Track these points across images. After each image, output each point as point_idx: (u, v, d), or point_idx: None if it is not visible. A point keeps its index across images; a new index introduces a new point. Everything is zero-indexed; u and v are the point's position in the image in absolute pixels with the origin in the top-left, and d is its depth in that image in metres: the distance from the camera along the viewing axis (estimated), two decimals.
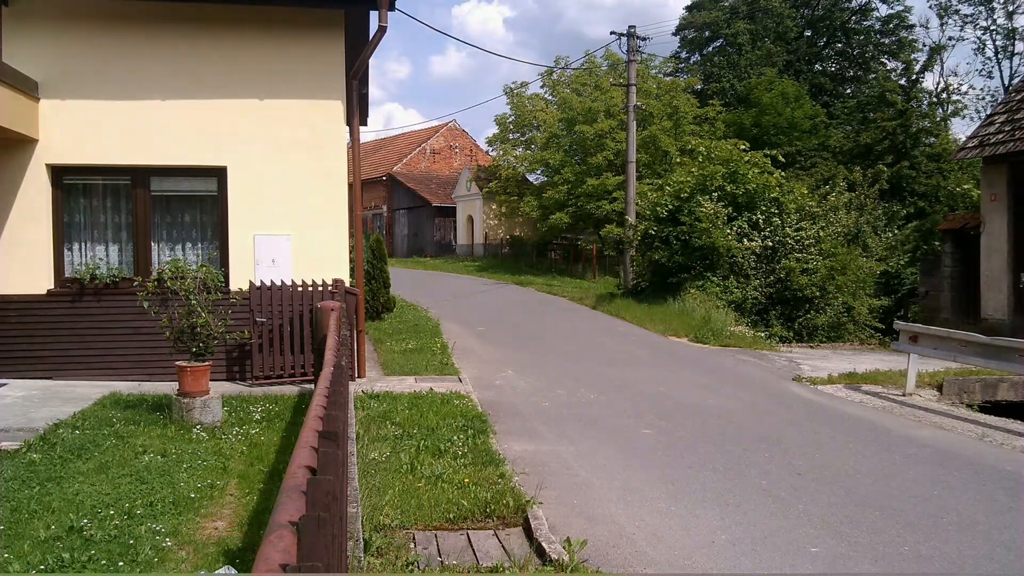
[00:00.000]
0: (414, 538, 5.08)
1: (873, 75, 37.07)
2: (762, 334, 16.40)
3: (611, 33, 26.71)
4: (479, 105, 75.56)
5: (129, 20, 9.70)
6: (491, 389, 10.20)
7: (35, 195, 9.57)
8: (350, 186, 10.83)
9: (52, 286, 9.68)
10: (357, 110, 10.49)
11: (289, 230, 10.02)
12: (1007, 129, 15.09)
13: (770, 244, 18.32)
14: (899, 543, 5.26)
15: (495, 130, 38.33)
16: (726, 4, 39.86)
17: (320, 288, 9.70)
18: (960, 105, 34.11)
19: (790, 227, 18.64)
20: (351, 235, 10.96)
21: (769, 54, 37.16)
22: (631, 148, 24.86)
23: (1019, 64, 34.32)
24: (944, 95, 32.95)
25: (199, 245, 10.20)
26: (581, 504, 5.91)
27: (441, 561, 4.76)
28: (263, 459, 6.47)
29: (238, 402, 8.47)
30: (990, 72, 52.40)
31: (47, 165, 9.60)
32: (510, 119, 37.11)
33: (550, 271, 32.34)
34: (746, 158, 20.01)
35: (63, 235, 9.82)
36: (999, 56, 34.88)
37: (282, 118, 9.95)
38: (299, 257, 10.02)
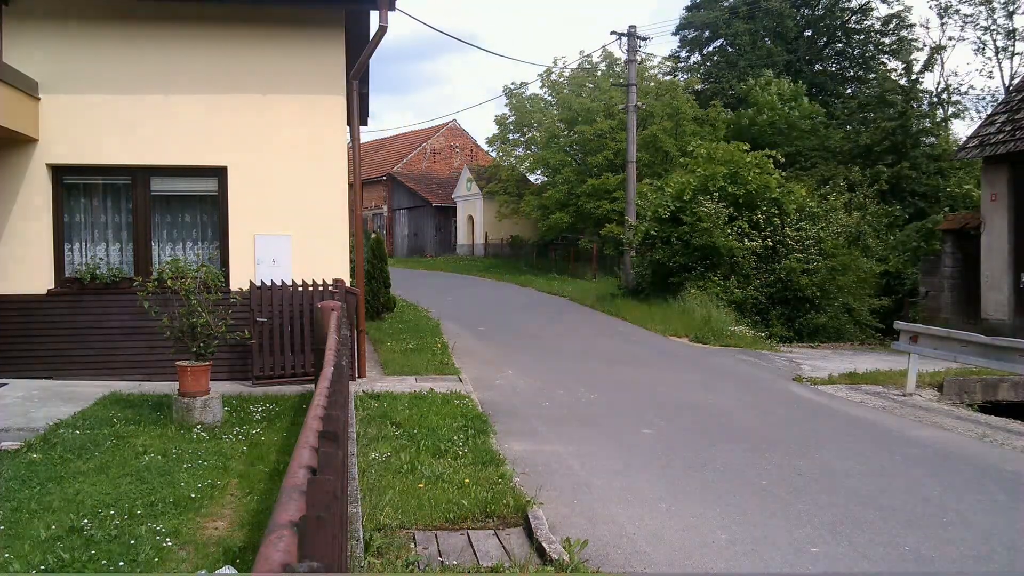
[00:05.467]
0: (414, 538, 5.08)
1: (873, 75, 37.02)
2: (762, 334, 16.40)
3: (611, 33, 26.71)
4: (479, 105, 75.72)
5: (129, 19, 9.70)
6: (491, 389, 10.20)
7: (35, 195, 9.57)
8: (350, 186, 10.83)
9: (52, 286, 9.68)
10: (357, 110, 10.49)
11: (289, 230, 10.02)
12: (1007, 129, 15.08)
13: (770, 244, 18.33)
14: (899, 543, 5.26)
15: (495, 130, 38.32)
16: (726, 4, 39.81)
17: (320, 288, 9.70)
18: (960, 105, 34.10)
19: (790, 227, 18.65)
20: (351, 235, 10.96)
21: (769, 54, 37.12)
22: (631, 148, 24.85)
23: (1019, 64, 34.29)
24: (944, 95, 32.91)
25: (199, 245, 10.20)
26: (581, 504, 5.90)
27: (441, 561, 4.76)
28: (263, 459, 6.47)
29: (238, 402, 8.47)
30: (990, 72, 52.42)
31: (47, 165, 9.60)
32: (510, 119, 37.09)
33: (550, 271, 32.33)
34: (747, 159, 20.02)
35: (63, 235, 9.82)
36: (999, 56, 34.84)
37: (282, 118, 9.95)
38: (299, 257, 10.01)
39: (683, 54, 42.11)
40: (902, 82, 29.80)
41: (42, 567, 4.34)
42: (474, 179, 40.78)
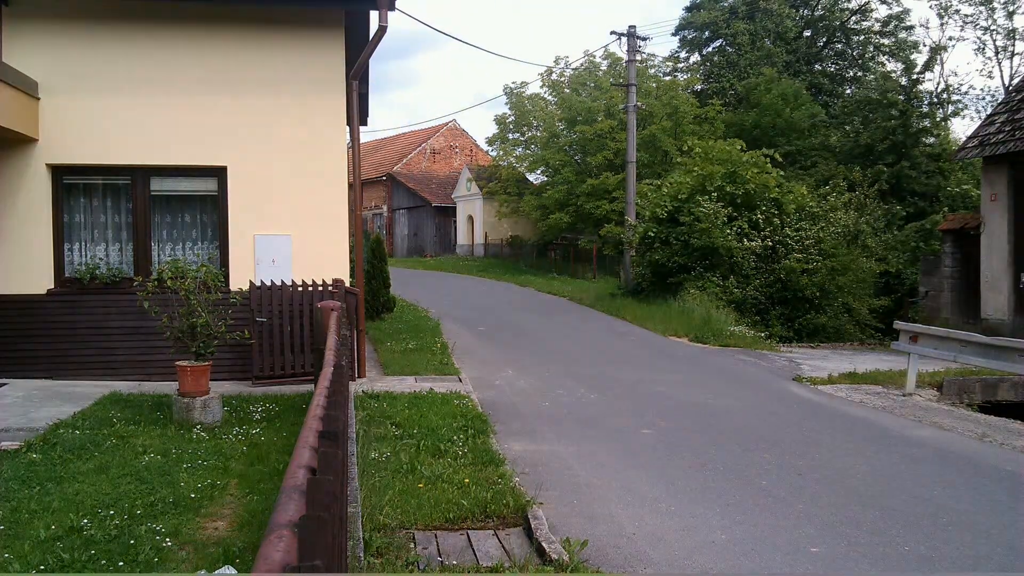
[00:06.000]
0: (414, 538, 5.08)
1: (873, 75, 37.02)
2: (762, 334, 16.40)
3: (611, 33, 26.71)
4: (479, 105, 75.84)
5: (129, 19, 9.70)
6: (491, 389, 10.20)
7: (35, 195, 9.57)
8: (350, 186, 10.83)
9: (52, 286, 9.68)
10: (357, 110, 10.49)
11: (289, 230, 10.02)
12: (1007, 129, 15.09)
13: (770, 244, 18.33)
14: (899, 543, 5.26)
15: (494, 130, 38.36)
16: (726, 4, 39.81)
17: (320, 288, 9.70)
18: (960, 105, 34.08)
19: (790, 227, 18.65)
20: (351, 235, 10.96)
21: (769, 54, 37.11)
22: (631, 148, 24.86)
23: (1019, 64, 34.30)
24: (944, 95, 32.90)
25: (199, 245, 10.20)
26: (581, 504, 5.90)
27: (441, 561, 4.76)
28: (263, 459, 6.46)
29: (238, 402, 8.47)
30: (990, 72, 52.44)
31: (47, 165, 9.60)
32: (510, 119, 37.11)
33: (550, 271, 32.33)
34: (744, 158, 20.01)
35: (63, 235, 9.82)
36: (999, 56, 34.85)
37: (282, 118, 9.95)
38: (299, 257, 10.01)
39: (683, 54, 42.11)
40: (902, 82, 29.79)
41: (42, 567, 4.34)
42: (474, 179, 40.79)
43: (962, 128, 62.05)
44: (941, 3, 34.43)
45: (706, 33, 40.79)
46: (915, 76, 29.00)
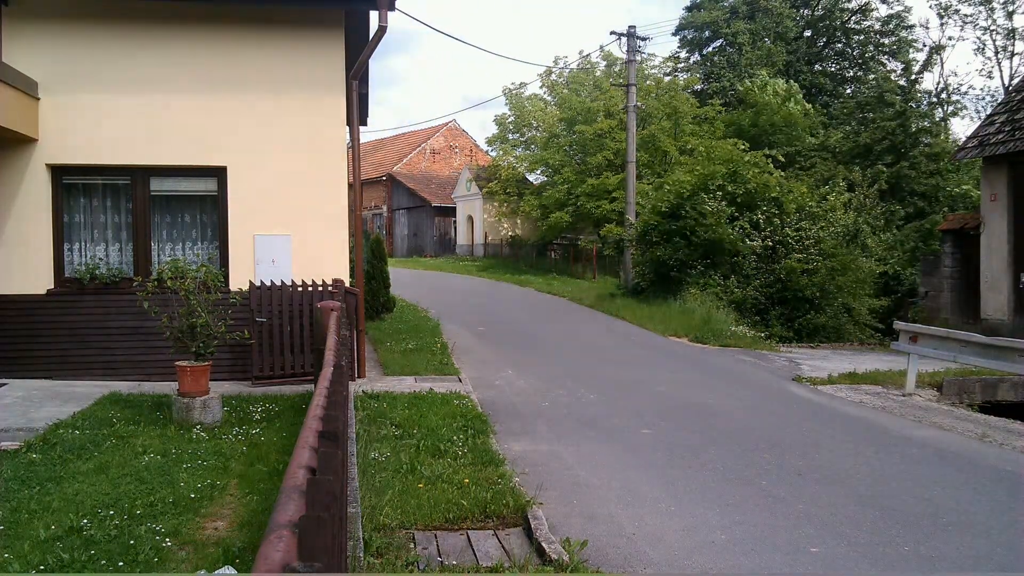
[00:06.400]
0: (414, 538, 5.08)
1: (873, 75, 37.04)
2: (762, 334, 16.40)
3: (611, 33, 26.70)
4: (478, 106, 75.90)
5: (129, 19, 9.70)
6: (491, 389, 10.20)
7: (35, 195, 9.57)
8: (350, 186, 10.83)
9: (52, 286, 9.68)
10: (357, 110, 10.49)
11: (289, 230, 10.02)
12: (1007, 129, 15.09)
13: (770, 244, 18.34)
14: (899, 543, 5.26)
15: (493, 130, 38.40)
16: (726, 4, 39.84)
17: (320, 288, 9.70)
18: (960, 105, 34.09)
19: (790, 227, 18.66)
20: (351, 235, 10.96)
21: (769, 54, 37.14)
22: (631, 148, 24.86)
23: (1019, 64, 34.32)
24: (944, 95, 32.91)
25: (199, 245, 10.20)
26: (581, 504, 5.90)
27: (441, 561, 4.76)
28: (263, 459, 6.47)
29: (238, 402, 8.47)
30: (990, 72, 52.45)
31: (47, 165, 9.60)
32: (509, 119, 37.14)
33: (550, 271, 32.33)
34: (746, 158, 20.03)
35: (63, 235, 9.82)
36: (999, 56, 34.88)
37: (282, 118, 9.95)
38: (299, 257, 10.01)
39: (683, 54, 42.14)
40: (901, 82, 29.80)
41: (42, 567, 4.34)
42: (474, 179, 40.80)
43: (962, 128, 62.11)
44: (941, 3, 34.46)
45: (706, 33, 40.83)
46: (914, 76, 29.01)
